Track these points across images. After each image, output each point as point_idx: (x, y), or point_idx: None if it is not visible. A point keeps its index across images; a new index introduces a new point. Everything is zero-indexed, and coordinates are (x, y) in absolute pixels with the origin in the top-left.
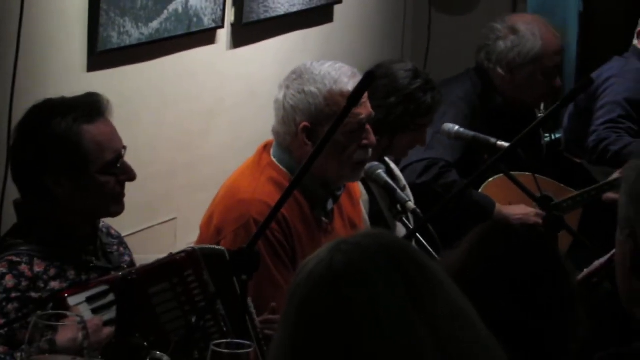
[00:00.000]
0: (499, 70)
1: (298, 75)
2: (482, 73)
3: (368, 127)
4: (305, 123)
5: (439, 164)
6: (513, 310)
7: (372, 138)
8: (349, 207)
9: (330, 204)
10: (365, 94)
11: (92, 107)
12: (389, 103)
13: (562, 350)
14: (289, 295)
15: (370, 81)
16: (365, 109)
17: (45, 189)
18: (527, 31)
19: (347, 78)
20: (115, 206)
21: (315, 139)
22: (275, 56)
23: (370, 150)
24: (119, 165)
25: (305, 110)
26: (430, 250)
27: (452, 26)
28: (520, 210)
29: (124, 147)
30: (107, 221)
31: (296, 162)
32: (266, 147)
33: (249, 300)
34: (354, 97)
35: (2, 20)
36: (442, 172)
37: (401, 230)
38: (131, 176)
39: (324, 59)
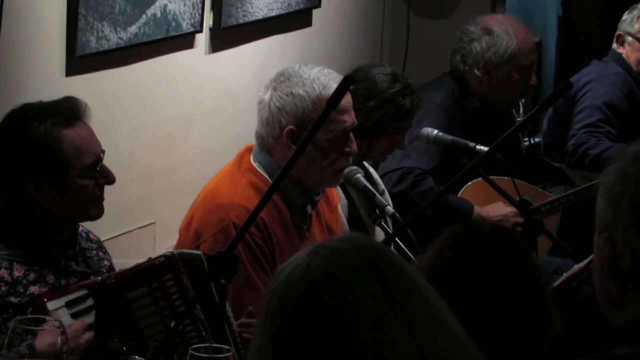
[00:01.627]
0: (476, 72)
1: (286, 78)
2: (458, 76)
3: (352, 135)
4: (290, 126)
5: (414, 172)
6: (484, 311)
7: (354, 146)
8: (326, 213)
9: (309, 209)
10: (350, 101)
11: (70, 111)
12: (368, 107)
13: (534, 350)
14: (267, 299)
15: (348, 85)
16: (349, 116)
17: (24, 193)
18: (501, 31)
19: (335, 83)
20: (95, 210)
21: (299, 142)
22: (254, 60)
23: (350, 158)
24: (98, 168)
25: (291, 113)
26: (409, 254)
27: (431, 30)
28: (500, 211)
29: (103, 151)
30: (86, 225)
31: (277, 165)
32: (247, 151)
33: (227, 304)
34: (333, 100)
35: None
36: (417, 181)
37: (380, 235)
38: (110, 179)
39: (303, 63)
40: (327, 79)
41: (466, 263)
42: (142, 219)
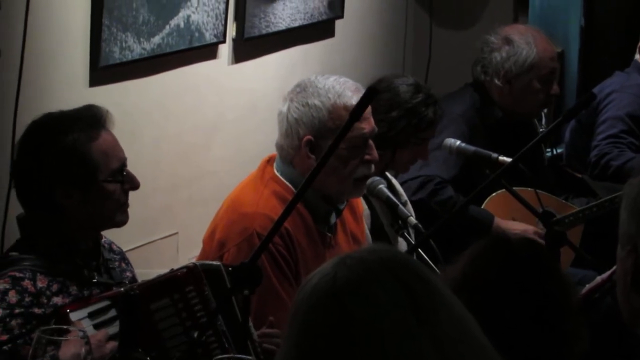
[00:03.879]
0: (496, 82)
1: (302, 89)
2: (480, 87)
3: (371, 142)
4: (308, 136)
5: (434, 181)
6: (512, 323)
7: (375, 154)
8: (351, 222)
9: (333, 218)
10: (369, 109)
11: (94, 118)
12: (391, 117)
13: None
14: (293, 311)
15: (372, 96)
16: (368, 124)
17: (52, 202)
18: (521, 40)
19: (350, 92)
20: (121, 215)
21: (318, 152)
22: (276, 71)
23: (372, 166)
24: (124, 173)
25: (308, 124)
26: (432, 264)
27: (453, 41)
28: (519, 227)
29: (125, 158)
30: (109, 236)
31: (299, 175)
32: (269, 161)
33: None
34: (356, 111)
35: (6, 35)
36: (437, 189)
37: (403, 245)
38: (135, 184)
39: (326, 73)
40: (341, 88)
41: (494, 275)
42: (165, 229)
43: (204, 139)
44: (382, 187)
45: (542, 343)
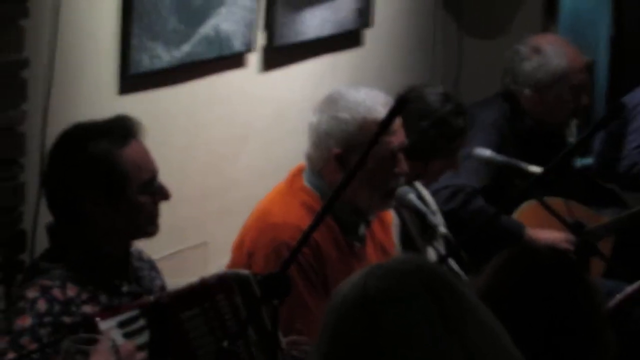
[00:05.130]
0: (526, 91)
1: (333, 101)
2: (510, 96)
3: (400, 155)
4: (337, 150)
5: (465, 191)
6: (537, 333)
7: (404, 167)
8: (380, 233)
9: (362, 229)
10: (399, 122)
11: (125, 128)
12: (421, 127)
13: None
14: (323, 321)
15: (402, 106)
16: (397, 137)
17: (81, 212)
18: (551, 50)
19: (381, 107)
20: (151, 226)
21: (347, 166)
22: (305, 80)
23: (402, 179)
24: (155, 184)
25: (338, 137)
26: (462, 275)
27: (483, 50)
28: (551, 235)
29: (157, 169)
30: (138, 245)
31: (328, 187)
32: (299, 171)
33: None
34: (386, 123)
35: (34, 45)
36: (468, 199)
37: (432, 255)
38: (166, 196)
39: (354, 82)
40: (372, 102)
41: (519, 284)
42: (194, 238)
43: (233, 148)
44: (412, 196)
45: (569, 353)
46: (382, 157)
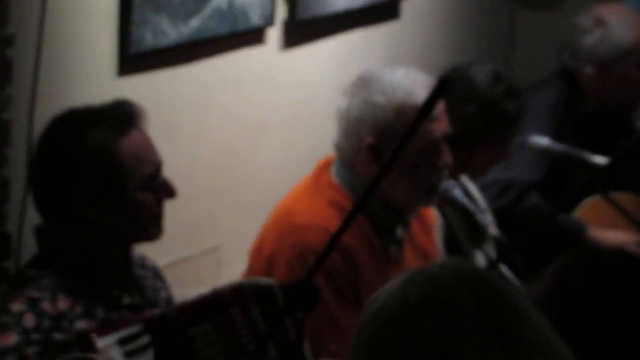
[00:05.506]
0: (587, 69)
1: (365, 83)
2: (568, 76)
3: (444, 145)
4: (370, 139)
5: (518, 186)
6: (602, 345)
7: (448, 159)
8: (421, 235)
9: (399, 231)
10: (442, 107)
11: (125, 115)
12: (467, 112)
13: None
14: (355, 335)
15: (445, 89)
16: (440, 125)
17: (74, 212)
18: (616, 22)
19: (421, 89)
20: (155, 228)
21: (382, 158)
22: (334, 58)
23: (445, 172)
24: (158, 180)
25: (371, 124)
26: (515, 282)
27: (537, 23)
28: (618, 236)
29: (161, 162)
30: (140, 250)
31: (360, 182)
32: (326, 164)
33: (305, 342)
34: (426, 107)
35: (20, 19)
36: (521, 195)
37: (481, 260)
38: (171, 193)
39: (390, 61)
40: (412, 85)
41: (582, 293)
42: (206, 242)
43: (250, 138)
44: (457, 192)
45: None
46: (422, 148)
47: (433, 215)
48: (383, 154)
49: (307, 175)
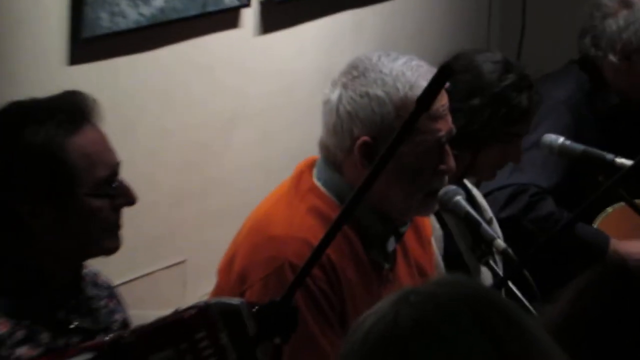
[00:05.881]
0: (611, 57)
1: (361, 72)
2: (589, 65)
3: (447, 148)
4: (365, 137)
5: (529, 191)
6: None
7: (452, 163)
8: (416, 249)
9: (391, 244)
10: (446, 103)
11: (75, 109)
12: (472, 106)
13: None
14: None
15: (445, 77)
16: (445, 123)
17: (17, 221)
18: None
19: (426, 81)
20: (110, 241)
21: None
22: (318, 43)
23: (446, 177)
24: (114, 184)
25: (367, 121)
26: (526, 302)
27: (553, 5)
28: None
29: (118, 163)
30: (94, 266)
31: (348, 187)
32: (308, 165)
33: None
34: (425, 99)
35: None
36: (533, 202)
37: (487, 277)
38: (130, 198)
39: (382, 47)
40: (415, 76)
41: (606, 315)
42: (168, 256)
43: (221, 134)
44: (460, 199)
45: None
46: (425, 150)
47: (430, 225)
48: (378, 155)
49: (286, 179)
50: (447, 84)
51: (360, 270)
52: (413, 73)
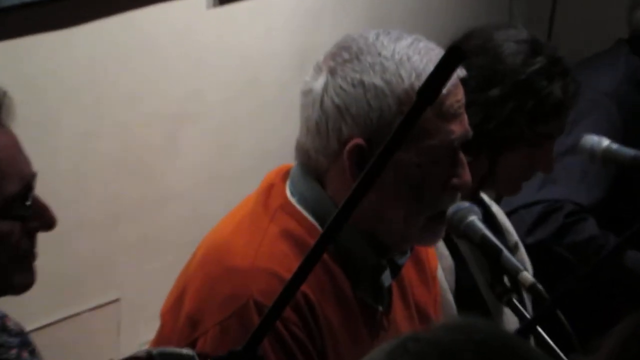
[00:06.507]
0: None
1: (354, 55)
2: None
3: (462, 156)
4: (357, 140)
5: (564, 210)
6: None
7: (468, 176)
8: (417, 286)
9: (386, 280)
10: (462, 99)
11: None
12: (490, 98)
13: None
14: None
15: (455, 63)
16: (460, 124)
17: None
18: None
19: None
20: (21, 275)
21: None
22: (294, 20)
23: (459, 194)
24: (27, 202)
25: (360, 118)
26: (560, 353)
27: None
28: None
29: (33, 175)
30: (3, 307)
31: (332, 203)
32: (280, 176)
33: None
34: (428, 90)
35: None
36: (569, 224)
37: (510, 321)
38: (47, 221)
39: (373, 24)
40: (424, 61)
41: None
42: (98, 294)
43: (164, 137)
44: (475, 220)
45: None
46: (433, 159)
47: (433, 254)
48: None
49: (251, 193)
50: (463, 72)
51: (346, 312)
52: (421, 57)
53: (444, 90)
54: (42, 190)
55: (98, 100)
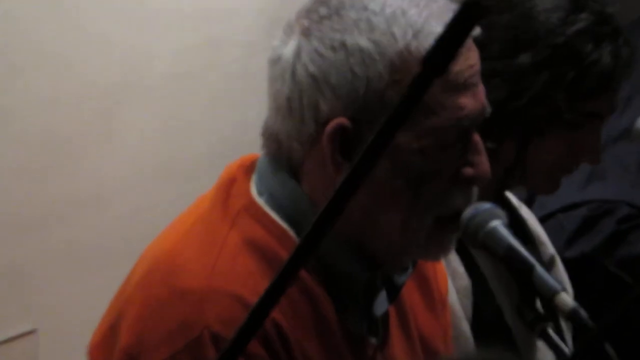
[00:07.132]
0: None
1: (334, 9)
2: None
3: (477, 139)
4: (340, 119)
5: (617, 214)
6: None
7: (485, 165)
8: (421, 312)
9: (381, 304)
10: (476, 64)
11: None
12: (518, 67)
13: None
14: None
15: (472, 21)
16: (474, 98)
17: None
18: None
19: (442, 26)
20: None
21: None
22: None
23: (475, 190)
24: None
25: (342, 90)
26: None
27: None
28: None
29: None
30: None
31: (309, 203)
32: (243, 169)
33: None
34: (437, 56)
35: None
36: (623, 232)
37: (545, 355)
38: None
39: None
40: (423, 15)
41: None
42: (11, 323)
43: (95, 122)
44: (498, 226)
45: None
46: (441, 143)
47: (442, 270)
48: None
49: (206, 192)
50: (478, 31)
51: (329, 345)
52: (420, 11)
53: None
54: None
55: (12, 85)
